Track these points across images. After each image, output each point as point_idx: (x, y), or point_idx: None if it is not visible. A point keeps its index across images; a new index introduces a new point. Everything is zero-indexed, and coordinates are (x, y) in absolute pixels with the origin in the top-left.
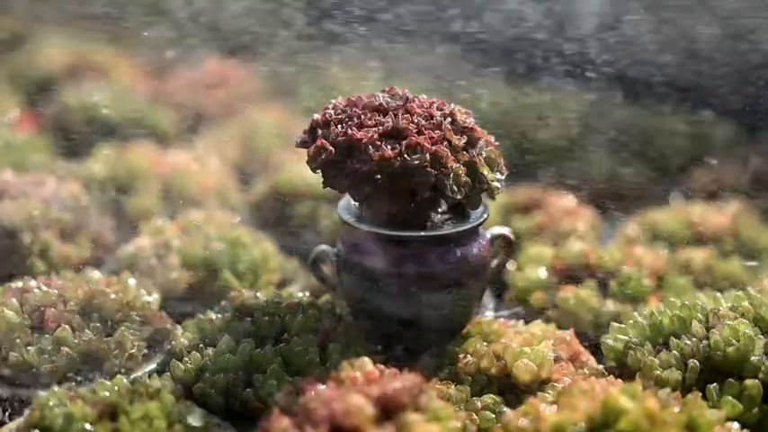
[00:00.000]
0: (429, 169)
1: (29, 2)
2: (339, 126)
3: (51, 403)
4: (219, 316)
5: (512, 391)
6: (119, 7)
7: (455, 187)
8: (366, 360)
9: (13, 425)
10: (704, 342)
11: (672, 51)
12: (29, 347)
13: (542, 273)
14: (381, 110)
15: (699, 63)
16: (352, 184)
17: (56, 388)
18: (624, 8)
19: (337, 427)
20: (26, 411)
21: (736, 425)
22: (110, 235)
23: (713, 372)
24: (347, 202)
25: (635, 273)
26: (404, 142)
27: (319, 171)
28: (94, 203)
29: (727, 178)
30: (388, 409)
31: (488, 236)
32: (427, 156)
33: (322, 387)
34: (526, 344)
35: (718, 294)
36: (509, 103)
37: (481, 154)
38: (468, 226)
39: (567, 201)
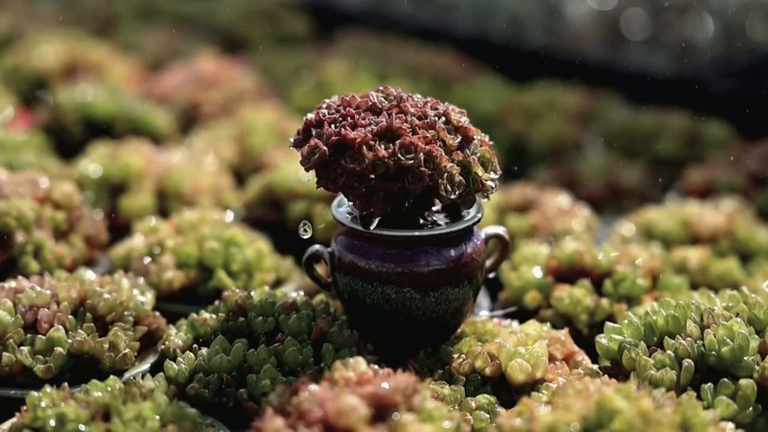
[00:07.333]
0: (423, 169)
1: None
2: (332, 126)
3: (44, 404)
4: (213, 316)
5: (506, 391)
6: (114, 5)
7: (449, 187)
8: (360, 360)
9: (5, 426)
10: (699, 342)
11: None
12: (22, 347)
13: (537, 272)
14: (375, 109)
15: None
16: (346, 184)
17: (48, 388)
18: None
19: (331, 428)
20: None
21: (730, 425)
22: (103, 234)
23: (708, 372)
24: (341, 201)
25: (630, 272)
26: (398, 142)
27: (313, 171)
28: (88, 202)
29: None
30: (382, 410)
31: (483, 235)
32: (421, 155)
33: (315, 387)
34: (520, 344)
35: (713, 294)
36: None
37: (475, 153)
38: (462, 226)
39: (562, 200)
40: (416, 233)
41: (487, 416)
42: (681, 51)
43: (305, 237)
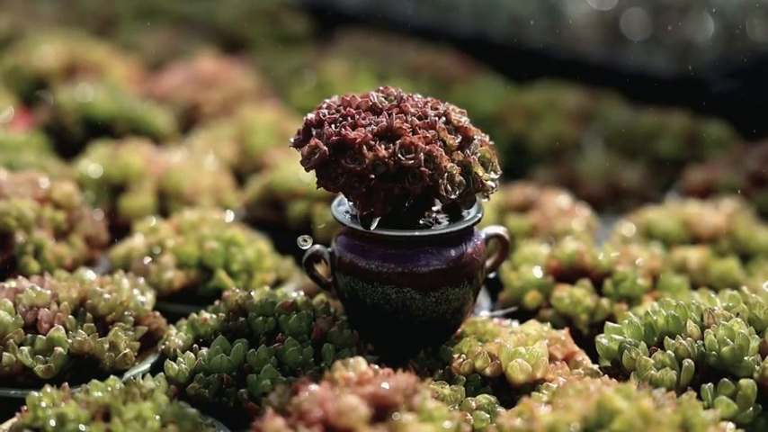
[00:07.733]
0: (423, 169)
1: (24, 0)
2: (333, 126)
3: (44, 404)
4: (213, 316)
5: (506, 391)
6: (114, 5)
7: (449, 187)
8: (360, 360)
9: (5, 426)
10: (699, 342)
11: None
12: (22, 347)
13: (537, 272)
14: (375, 109)
15: None
16: (346, 184)
17: (48, 388)
18: None
19: (331, 428)
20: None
21: (730, 425)
22: (103, 234)
23: (708, 372)
24: (341, 201)
25: (630, 272)
26: (398, 142)
27: (313, 171)
28: (88, 202)
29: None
30: (382, 410)
31: (483, 235)
32: (421, 155)
33: (316, 387)
34: (521, 344)
35: (714, 294)
36: None
37: (476, 153)
38: (462, 226)
39: (562, 200)
40: (417, 233)
41: (488, 416)
42: (681, 51)
43: (304, 247)
